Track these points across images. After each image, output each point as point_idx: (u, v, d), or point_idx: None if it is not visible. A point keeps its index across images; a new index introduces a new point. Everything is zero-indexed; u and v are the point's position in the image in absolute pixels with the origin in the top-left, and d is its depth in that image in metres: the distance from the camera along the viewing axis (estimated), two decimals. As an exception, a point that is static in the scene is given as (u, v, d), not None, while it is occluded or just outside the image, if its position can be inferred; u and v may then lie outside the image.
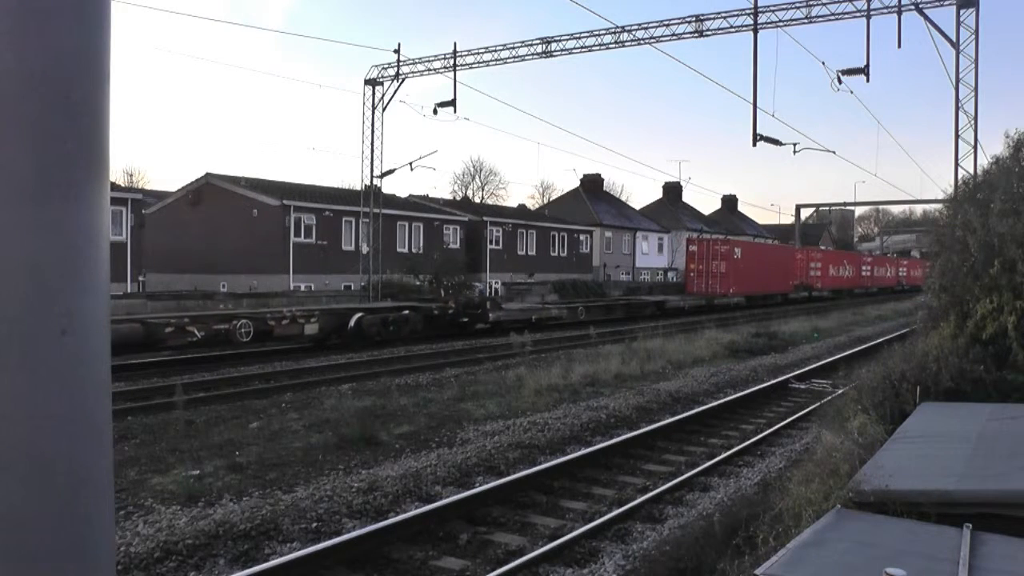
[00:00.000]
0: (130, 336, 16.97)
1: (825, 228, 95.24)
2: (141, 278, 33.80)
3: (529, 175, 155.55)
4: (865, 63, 22.72)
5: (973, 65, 21.83)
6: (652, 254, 63.91)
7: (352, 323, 21.99)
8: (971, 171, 20.36)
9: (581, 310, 32.90)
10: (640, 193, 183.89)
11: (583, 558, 6.56)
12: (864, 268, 67.48)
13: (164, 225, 38.15)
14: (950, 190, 15.85)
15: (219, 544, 6.55)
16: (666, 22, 25.43)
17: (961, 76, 21.90)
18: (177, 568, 6.13)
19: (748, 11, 24.18)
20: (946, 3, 22.01)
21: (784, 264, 50.81)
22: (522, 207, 68.04)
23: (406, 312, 24.08)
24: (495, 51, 28.13)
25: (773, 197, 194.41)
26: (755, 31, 24.14)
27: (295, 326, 20.46)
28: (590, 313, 33.14)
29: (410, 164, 32.68)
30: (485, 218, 47.64)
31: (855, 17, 23.05)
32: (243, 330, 19.18)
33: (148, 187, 54.37)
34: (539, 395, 13.83)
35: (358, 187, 33.69)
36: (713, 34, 25.09)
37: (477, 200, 69.17)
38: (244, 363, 18.22)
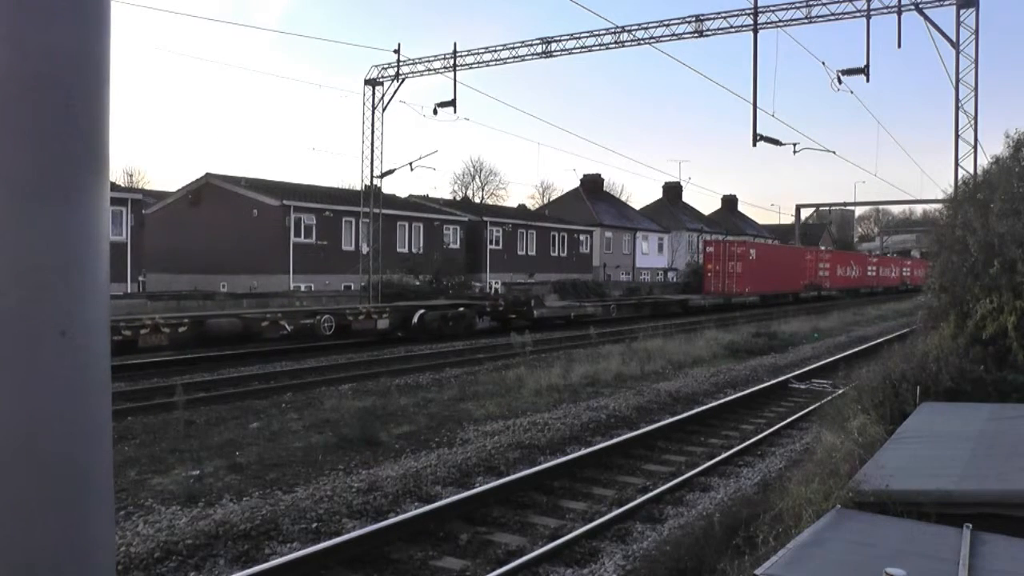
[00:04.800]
0: (231, 330, 18.66)
1: (825, 228, 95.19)
2: (141, 278, 33.78)
3: (529, 175, 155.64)
4: (865, 63, 22.71)
5: (973, 65, 21.83)
6: (652, 254, 63.91)
7: (416, 319, 23.83)
8: (971, 171, 20.36)
9: (613, 308, 35.25)
10: (640, 193, 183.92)
11: (583, 558, 6.55)
12: (870, 268, 68.47)
13: (164, 225, 38.13)
14: (950, 190, 15.85)
15: (219, 544, 6.54)
16: (666, 22, 25.42)
17: (961, 76, 21.90)
18: (177, 568, 6.13)
19: (748, 11, 24.17)
20: (946, 3, 22.00)
21: (795, 264, 51.93)
22: (522, 207, 68.05)
23: (461, 309, 25.95)
24: (495, 51, 28.13)
25: (773, 197, 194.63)
26: (755, 31, 24.13)
27: (369, 321, 22.42)
28: (621, 311, 35.42)
29: (410, 164, 32.68)
30: (485, 218, 47.63)
31: (855, 17, 23.04)
32: (326, 324, 20.65)
33: (148, 187, 54.39)
34: (539, 395, 13.83)
35: (358, 187, 33.67)
36: (713, 34, 25.08)
37: (477, 200, 69.18)
38: (244, 363, 18.21)
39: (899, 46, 23.77)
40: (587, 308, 33.00)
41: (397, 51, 29.90)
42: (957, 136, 22.14)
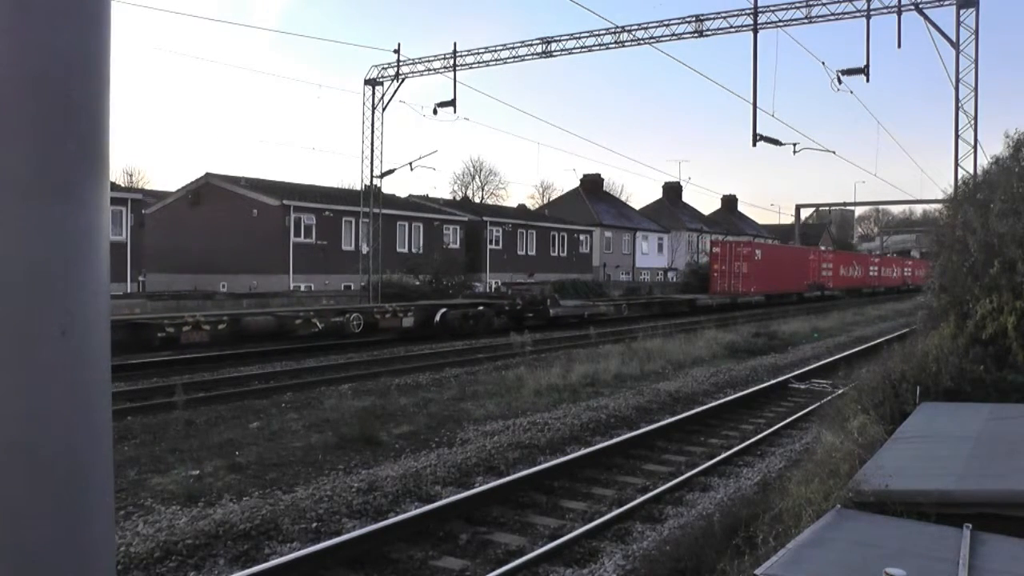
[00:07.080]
0: (266, 327, 19.39)
1: (825, 228, 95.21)
2: (141, 278, 33.79)
3: (529, 175, 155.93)
4: (865, 63, 22.74)
5: (973, 65, 21.84)
6: (652, 254, 63.94)
7: (438, 317, 24.39)
8: (971, 171, 20.37)
9: (624, 307, 36.49)
10: (640, 193, 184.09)
11: (583, 558, 6.55)
12: (872, 268, 68.75)
13: (164, 225, 38.14)
14: (950, 190, 15.85)
15: (219, 544, 6.54)
16: (666, 22, 25.45)
17: (961, 76, 21.91)
18: (177, 568, 6.12)
19: (748, 11, 24.19)
20: (946, 3, 22.02)
21: (799, 265, 52.37)
22: (522, 207, 68.07)
23: (481, 308, 26.64)
24: (495, 51, 28.14)
25: (773, 197, 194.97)
26: (755, 31, 24.14)
27: (395, 319, 23.36)
28: (632, 310, 36.72)
29: (410, 164, 32.71)
30: (485, 218, 47.65)
31: (855, 17, 23.06)
32: (355, 322, 21.46)
33: (148, 187, 54.37)
34: (539, 395, 13.82)
35: (358, 187, 33.69)
36: (713, 34, 25.10)
37: (477, 200, 69.17)
38: (244, 363, 18.21)
39: (899, 46, 23.82)
40: (600, 307, 34.03)
41: (397, 51, 29.96)
42: (957, 136, 22.16)
